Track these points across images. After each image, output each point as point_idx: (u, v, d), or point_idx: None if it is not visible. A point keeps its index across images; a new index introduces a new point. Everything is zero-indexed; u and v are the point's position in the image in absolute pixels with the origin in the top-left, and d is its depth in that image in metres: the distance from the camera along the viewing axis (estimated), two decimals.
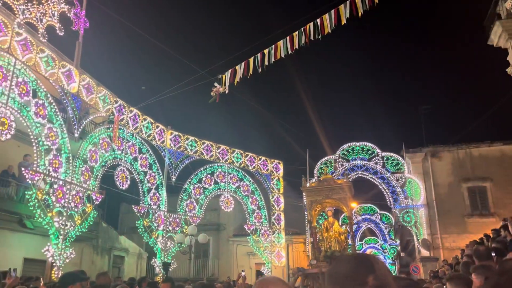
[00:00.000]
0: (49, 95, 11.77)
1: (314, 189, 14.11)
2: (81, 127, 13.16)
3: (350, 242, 13.86)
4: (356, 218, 23.79)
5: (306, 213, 15.15)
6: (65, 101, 12.57)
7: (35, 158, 11.38)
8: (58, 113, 12.13)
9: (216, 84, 12.67)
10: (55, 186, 11.72)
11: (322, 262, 12.60)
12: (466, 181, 20.95)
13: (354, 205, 23.56)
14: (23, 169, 11.70)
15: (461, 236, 19.52)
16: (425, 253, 20.08)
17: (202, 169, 18.58)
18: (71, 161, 12.37)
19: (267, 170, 20.17)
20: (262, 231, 19.36)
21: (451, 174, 21.23)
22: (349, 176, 20.41)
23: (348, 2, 10.67)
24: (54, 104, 11.95)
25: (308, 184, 15.13)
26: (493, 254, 4.98)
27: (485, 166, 20.78)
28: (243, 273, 13.74)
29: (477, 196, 20.73)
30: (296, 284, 10.74)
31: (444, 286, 3.74)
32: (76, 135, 12.88)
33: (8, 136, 10.27)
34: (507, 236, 8.36)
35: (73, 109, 12.74)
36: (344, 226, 14.48)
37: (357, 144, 21.59)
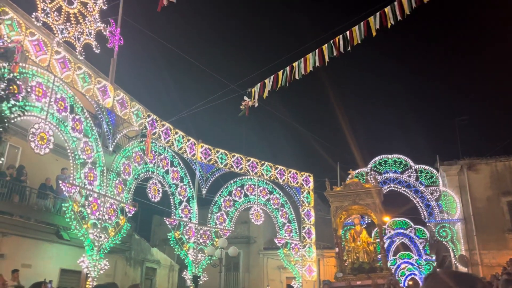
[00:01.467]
0: (85, 110, 12.21)
1: (340, 194, 12.95)
2: (115, 141, 13.55)
3: (380, 253, 12.66)
4: (390, 232, 23.20)
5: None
6: (100, 116, 13.00)
7: (72, 171, 11.78)
8: (94, 128, 12.55)
9: (245, 97, 12.79)
10: (90, 198, 12.08)
11: (349, 275, 11.78)
12: (506, 195, 20.10)
13: (387, 219, 23.05)
14: (60, 182, 12.14)
15: (501, 253, 18.68)
16: (462, 269, 19.29)
17: (232, 181, 18.69)
18: (105, 174, 12.73)
19: (297, 183, 20.06)
20: (293, 244, 19.18)
21: (489, 188, 20.44)
22: (382, 189, 20.04)
23: (378, 14, 10.60)
24: (90, 119, 12.38)
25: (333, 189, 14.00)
26: None
27: None
28: None
29: None
30: None
31: None
32: (110, 148, 13.26)
33: (47, 150, 10.70)
34: None
35: (107, 124, 13.15)
36: (372, 235, 13.43)
37: (390, 156, 21.18)
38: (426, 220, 20.51)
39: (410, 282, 28.88)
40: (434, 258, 25.20)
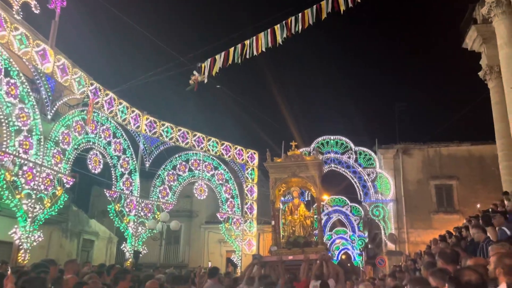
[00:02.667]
0: (21, 75, 11.44)
1: (280, 166, 11.94)
2: (54, 109, 12.89)
3: (317, 228, 11.96)
4: (327, 209, 24.27)
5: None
6: (38, 82, 12.26)
7: (5, 139, 11.08)
8: (31, 94, 11.81)
9: (195, 72, 12.62)
10: (25, 167, 11.48)
11: (284, 249, 11.05)
12: (434, 179, 21.63)
13: (325, 197, 24.03)
14: None
15: (426, 232, 20.22)
16: (391, 246, 20.70)
17: (177, 156, 18.51)
18: (42, 143, 12.12)
19: (242, 159, 20.27)
20: (235, 219, 19.52)
21: (421, 172, 21.87)
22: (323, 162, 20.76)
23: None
24: (26, 84, 11.63)
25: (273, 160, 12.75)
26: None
27: (453, 165, 21.50)
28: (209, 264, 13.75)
29: (444, 194, 21.47)
30: (253, 274, 9.23)
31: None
32: (49, 116, 12.61)
33: None
34: (468, 237, 8.74)
35: (46, 90, 12.44)
36: (311, 210, 12.74)
37: (332, 137, 21.91)
38: (362, 199, 21.63)
39: (343, 256, 30.59)
40: (366, 234, 26.78)
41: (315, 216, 12.05)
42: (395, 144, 22.57)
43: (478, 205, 17.21)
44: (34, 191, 11.76)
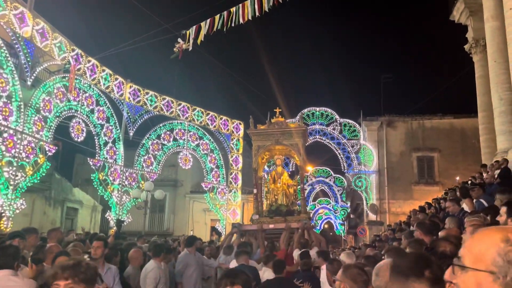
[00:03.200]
0: None
1: (263, 133, 11.51)
2: (34, 75, 12.55)
3: (300, 197, 11.68)
4: (311, 180, 24.56)
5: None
6: (17, 46, 11.86)
7: None
8: (9, 59, 11.44)
9: (179, 40, 12.34)
10: (5, 135, 11.28)
11: (265, 218, 10.76)
12: (416, 151, 21.99)
13: (310, 168, 24.27)
14: None
15: (406, 202, 20.70)
16: (372, 217, 21.20)
17: (161, 125, 18.36)
18: (22, 110, 11.86)
19: (228, 130, 20.22)
20: (219, 189, 19.65)
21: (404, 144, 22.17)
22: (308, 140, 20.88)
23: None
24: (4, 48, 11.25)
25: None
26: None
27: (435, 137, 21.84)
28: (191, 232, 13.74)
29: (425, 166, 21.89)
30: (232, 242, 9.07)
31: (383, 257, 4.03)
32: (29, 82, 12.29)
33: None
34: (446, 208, 8.95)
35: (25, 55, 12.06)
36: (294, 179, 12.45)
37: (317, 109, 21.96)
38: (345, 170, 21.94)
39: (326, 226, 31.23)
40: (349, 205, 27.33)
41: (298, 185, 11.81)
42: (379, 116, 22.74)
43: (458, 178, 17.62)
44: (15, 159, 11.59)
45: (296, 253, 7.48)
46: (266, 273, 5.83)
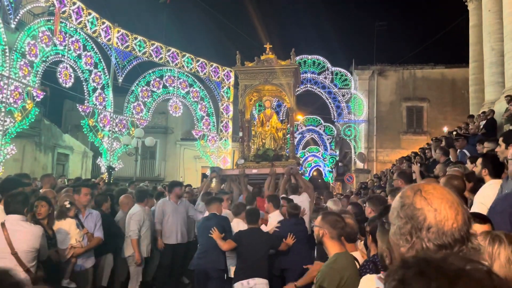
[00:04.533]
0: None
1: (251, 71, 10.47)
2: (18, 17, 12.13)
3: (289, 141, 10.80)
4: (302, 128, 24.75)
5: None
6: None
7: None
8: None
9: None
10: None
11: (251, 162, 10.03)
12: (406, 101, 22.10)
13: (300, 117, 24.39)
14: None
15: (394, 151, 21.10)
16: (360, 165, 21.67)
17: (150, 71, 18.09)
18: (7, 54, 11.58)
19: (218, 77, 20.01)
20: (210, 137, 19.78)
21: (394, 93, 22.23)
22: (297, 89, 20.79)
23: None
24: None
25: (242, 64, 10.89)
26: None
27: (426, 87, 21.89)
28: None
29: (414, 115, 22.11)
30: (211, 189, 8.42)
31: (364, 205, 4.21)
32: (13, 25, 11.92)
33: None
34: (431, 157, 9.20)
35: None
36: (284, 122, 11.53)
37: (309, 57, 21.68)
38: (335, 119, 22.09)
39: (315, 173, 31.90)
40: (337, 153, 27.80)
41: (288, 127, 10.89)
42: (371, 65, 22.59)
43: (445, 128, 17.88)
44: (3, 104, 11.48)
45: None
46: (240, 225, 5.49)
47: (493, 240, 1.61)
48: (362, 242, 3.42)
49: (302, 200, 6.80)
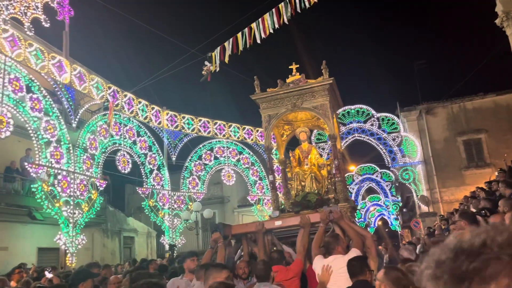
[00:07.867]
0: (42, 89, 11.88)
1: (274, 97, 8.36)
2: (78, 117, 13.34)
3: (337, 178, 8.15)
4: (357, 178, 24.23)
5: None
6: (59, 93, 12.69)
7: (36, 152, 11.63)
8: (54, 105, 12.27)
9: (206, 62, 12.76)
10: (59, 176, 12.03)
11: (288, 214, 7.67)
12: (461, 135, 21.25)
13: (353, 167, 24.00)
14: (26, 163, 11.98)
15: (459, 189, 19.99)
16: (424, 208, 20.63)
17: (201, 146, 18.84)
18: (71, 151, 12.62)
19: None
20: (265, 200, 19.82)
21: (446, 129, 21.50)
22: (346, 139, 20.69)
23: None
24: (48, 96, 12.07)
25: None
26: (483, 213, 5.26)
27: (479, 118, 21.02)
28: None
29: (473, 148, 21.09)
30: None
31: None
32: (74, 124, 13.08)
33: (8, 133, 10.47)
34: (497, 190, 8.68)
35: (67, 100, 12.87)
36: (327, 157, 9.07)
37: (352, 107, 21.72)
38: (390, 165, 21.51)
39: (380, 222, 30.58)
40: (399, 199, 26.70)
41: (334, 162, 8.22)
42: (417, 105, 22.20)
43: (506, 156, 16.84)
44: (71, 198, 12.32)
45: (317, 263, 4.52)
46: None
47: None
48: None
49: (338, 262, 4.22)
